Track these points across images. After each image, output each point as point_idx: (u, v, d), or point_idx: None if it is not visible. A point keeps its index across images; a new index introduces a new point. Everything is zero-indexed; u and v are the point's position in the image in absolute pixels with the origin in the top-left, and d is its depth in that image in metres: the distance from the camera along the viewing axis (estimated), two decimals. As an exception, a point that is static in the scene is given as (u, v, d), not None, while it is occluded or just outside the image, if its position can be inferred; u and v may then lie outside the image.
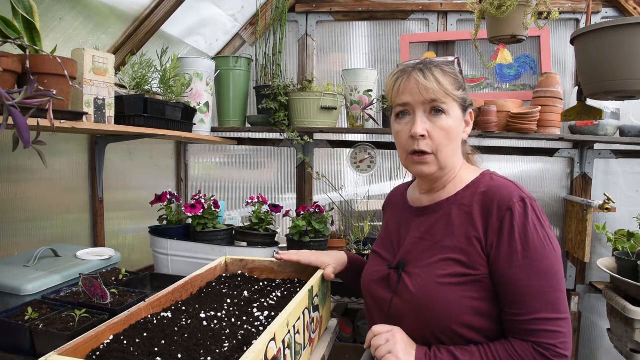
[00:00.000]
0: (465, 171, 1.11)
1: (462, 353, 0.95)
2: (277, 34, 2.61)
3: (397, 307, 1.05)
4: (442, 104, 1.03)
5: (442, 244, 1.03)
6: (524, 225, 0.95)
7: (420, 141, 1.03)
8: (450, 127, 1.04)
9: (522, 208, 0.96)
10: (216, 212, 2.09)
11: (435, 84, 1.02)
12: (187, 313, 1.15)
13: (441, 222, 1.07)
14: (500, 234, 0.96)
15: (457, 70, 1.08)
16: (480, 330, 0.98)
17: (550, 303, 0.93)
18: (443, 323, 0.98)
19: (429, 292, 0.99)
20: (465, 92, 1.08)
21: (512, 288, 0.94)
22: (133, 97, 1.72)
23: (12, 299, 1.35)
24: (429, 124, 1.03)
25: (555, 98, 2.14)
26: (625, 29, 1.24)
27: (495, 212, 0.98)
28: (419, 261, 1.06)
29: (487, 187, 1.03)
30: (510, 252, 0.95)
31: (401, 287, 1.05)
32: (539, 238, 0.95)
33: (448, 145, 1.04)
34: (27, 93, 0.93)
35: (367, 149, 2.54)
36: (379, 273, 1.14)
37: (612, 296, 1.82)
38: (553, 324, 0.92)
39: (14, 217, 1.69)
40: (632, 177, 2.46)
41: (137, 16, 1.99)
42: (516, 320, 0.94)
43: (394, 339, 0.97)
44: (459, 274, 0.98)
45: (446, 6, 2.51)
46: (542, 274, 0.94)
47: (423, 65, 1.05)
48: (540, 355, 0.91)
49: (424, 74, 1.03)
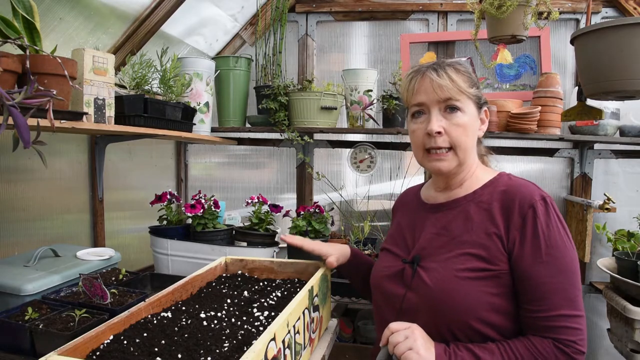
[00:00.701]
0: (481, 171, 1.13)
1: (481, 351, 0.94)
2: (277, 34, 2.61)
3: (410, 302, 1.05)
4: (456, 102, 1.05)
5: (460, 239, 1.04)
6: (547, 223, 0.97)
7: (436, 138, 1.06)
8: (466, 124, 1.06)
9: (544, 206, 0.98)
10: (216, 212, 2.09)
11: (449, 82, 1.04)
12: (187, 313, 1.15)
13: (459, 218, 1.07)
14: (523, 231, 0.98)
15: (470, 69, 1.10)
16: (496, 327, 0.98)
17: (570, 300, 0.94)
18: (460, 317, 0.97)
19: (448, 286, 0.99)
20: (479, 90, 1.10)
21: (534, 284, 0.95)
22: (133, 97, 1.72)
23: (12, 299, 1.35)
24: (445, 122, 1.06)
25: (555, 98, 2.14)
26: (625, 29, 1.24)
27: (516, 210, 0.99)
28: (435, 256, 1.06)
29: (507, 186, 1.05)
30: (534, 249, 0.96)
31: (416, 281, 1.05)
32: (560, 236, 0.97)
33: (466, 140, 1.07)
34: (27, 93, 0.93)
35: (367, 149, 2.54)
36: (391, 269, 1.14)
37: (612, 296, 1.82)
38: (573, 321, 0.93)
39: (14, 217, 1.69)
40: (632, 177, 2.46)
41: (137, 16, 1.99)
42: (537, 317, 0.95)
43: (413, 335, 0.96)
44: (478, 269, 0.99)
45: (446, 6, 2.51)
46: (564, 271, 0.95)
47: (437, 65, 1.08)
48: (561, 352, 0.92)
49: (438, 73, 1.05)
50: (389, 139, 2.58)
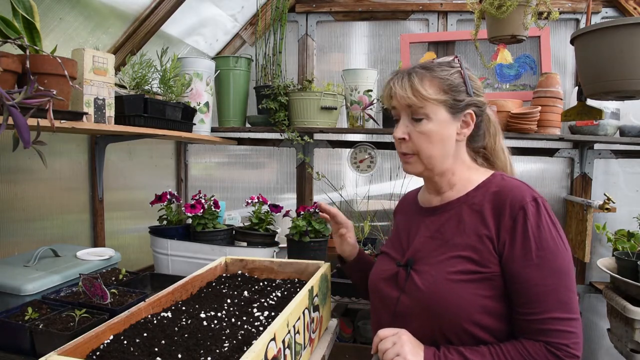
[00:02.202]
0: (474, 172, 1.12)
1: (472, 353, 0.94)
2: (277, 34, 2.61)
3: (404, 305, 1.05)
4: (419, 109, 1.05)
5: (452, 242, 1.04)
6: (537, 224, 0.95)
7: (401, 144, 1.09)
8: (430, 131, 1.05)
9: (535, 208, 0.97)
10: (216, 212, 2.09)
11: (408, 92, 1.04)
12: (187, 313, 1.15)
13: (452, 221, 1.07)
14: (513, 232, 0.97)
15: (450, 72, 1.07)
16: (489, 329, 0.98)
17: (563, 302, 0.93)
18: (453, 320, 0.97)
19: (439, 289, 0.99)
20: (456, 93, 1.06)
21: (526, 287, 0.94)
22: (133, 97, 1.72)
23: (12, 299, 1.35)
24: (411, 128, 1.07)
25: (555, 98, 2.14)
26: (625, 29, 1.24)
27: (507, 211, 0.98)
28: (428, 259, 1.06)
29: (498, 187, 1.04)
30: (524, 251, 0.95)
31: (409, 284, 1.05)
32: (552, 237, 0.95)
33: (430, 147, 1.06)
34: (27, 93, 0.93)
35: (367, 149, 2.54)
36: (387, 272, 1.14)
37: (612, 296, 1.82)
38: (566, 324, 0.92)
39: (14, 217, 1.69)
40: (632, 177, 2.46)
41: (137, 16, 1.99)
42: (529, 320, 0.94)
43: (400, 341, 0.96)
44: (469, 271, 0.98)
45: (446, 6, 2.51)
46: (556, 273, 0.94)
47: (404, 73, 1.08)
48: (553, 356, 0.91)
49: (401, 82, 1.07)
50: (389, 139, 2.58)
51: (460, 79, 1.07)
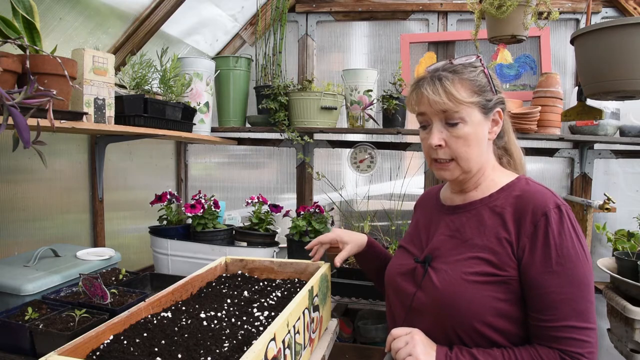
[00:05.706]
0: (499, 173, 1.11)
1: (484, 356, 0.94)
2: (277, 34, 2.61)
3: (419, 302, 1.05)
4: (455, 113, 1.02)
5: (471, 243, 1.03)
6: (559, 232, 0.94)
7: (437, 150, 1.05)
8: (468, 135, 1.03)
9: (558, 215, 0.96)
10: (216, 212, 2.09)
11: (444, 97, 1.01)
12: (187, 313, 1.15)
13: (472, 221, 1.07)
14: (534, 238, 0.96)
15: (476, 72, 1.06)
16: (503, 332, 0.97)
17: (580, 312, 0.92)
18: (465, 320, 0.97)
19: (454, 288, 0.99)
20: (486, 93, 1.06)
21: (543, 293, 0.94)
22: (133, 97, 1.72)
23: (12, 299, 1.35)
24: (446, 133, 1.04)
25: (555, 98, 2.14)
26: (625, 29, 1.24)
27: (529, 217, 0.97)
28: (446, 257, 1.06)
29: (522, 192, 1.03)
30: (544, 258, 0.94)
31: (426, 281, 1.05)
32: (573, 246, 0.94)
33: (468, 151, 1.04)
34: (27, 93, 0.93)
35: (367, 149, 2.54)
36: (405, 266, 1.14)
37: (612, 296, 1.81)
38: (581, 333, 0.91)
39: (14, 217, 1.69)
40: (632, 177, 2.46)
41: (137, 16, 1.99)
42: (544, 327, 0.93)
43: (413, 341, 0.96)
44: (486, 273, 0.98)
45: (446, 6, 2.51)
46: (574, 282, 0.93)
47: (434, 77, 1.05)
48: None
49: (433, 87, 1.03)
50: (389, 139, 2.58)
51: (485, 79, 1.07)
